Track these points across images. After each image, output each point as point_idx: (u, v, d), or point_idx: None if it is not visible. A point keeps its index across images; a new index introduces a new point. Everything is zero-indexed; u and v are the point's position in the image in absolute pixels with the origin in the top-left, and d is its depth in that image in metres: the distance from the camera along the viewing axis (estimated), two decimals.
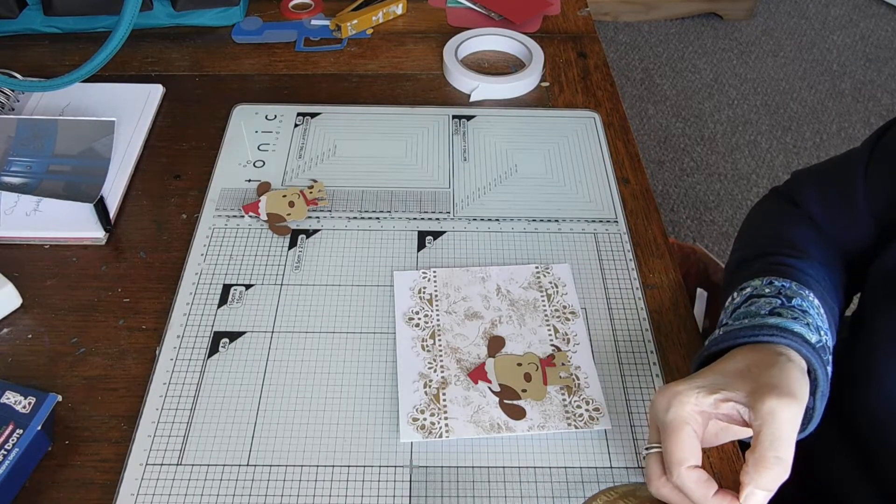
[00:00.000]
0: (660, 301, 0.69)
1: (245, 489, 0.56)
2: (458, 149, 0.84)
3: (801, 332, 0.52)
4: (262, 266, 0.71)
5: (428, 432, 0.59)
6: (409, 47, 0.99)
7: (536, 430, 0.59)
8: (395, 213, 0.76)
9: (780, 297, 0.55)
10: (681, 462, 0.46)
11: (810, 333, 0.52)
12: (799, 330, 0.52)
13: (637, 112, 2.13)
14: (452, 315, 0.67)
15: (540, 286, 0.69)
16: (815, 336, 0.52)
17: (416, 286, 0.69)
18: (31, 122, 0.82)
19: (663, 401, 0.48)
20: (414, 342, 0.65)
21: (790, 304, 0.54)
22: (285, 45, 0.98)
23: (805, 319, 0.53)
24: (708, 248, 1.57)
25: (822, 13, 2.51)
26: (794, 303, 0.54)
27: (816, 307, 0.55)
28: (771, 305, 0.54)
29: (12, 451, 0.54)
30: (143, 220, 0.76)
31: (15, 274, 0.69)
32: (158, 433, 0.59)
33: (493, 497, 0.56)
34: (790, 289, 0.56)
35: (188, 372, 0.63)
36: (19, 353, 0.65)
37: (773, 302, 0.54)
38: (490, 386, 0.62)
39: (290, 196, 0.76)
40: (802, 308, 0.54)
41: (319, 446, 0.59)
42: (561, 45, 1.00)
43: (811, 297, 0.56)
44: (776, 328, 0.51)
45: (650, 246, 0.74)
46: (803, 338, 0.51)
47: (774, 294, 0.55)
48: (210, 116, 0.87)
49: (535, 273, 0.70)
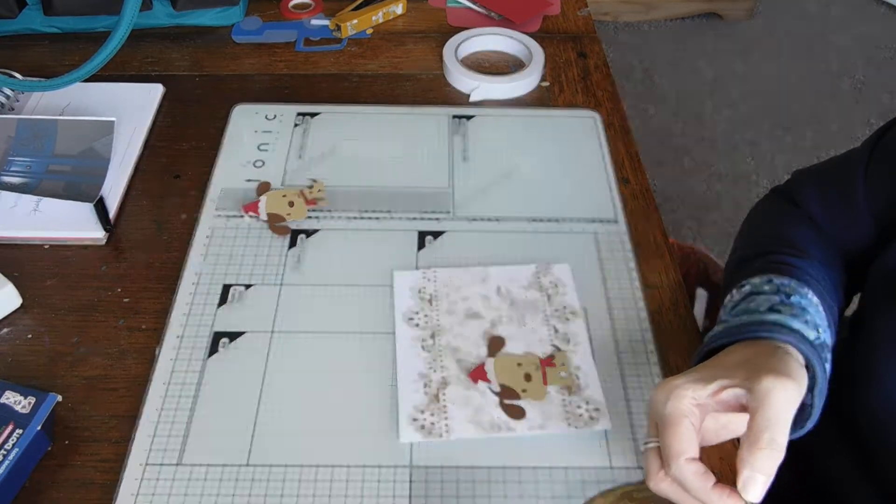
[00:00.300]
0: (660, 301, 0.69)
1: (245, 489, 0.56)
2: (458, 149, 0.84)
3: (799, 328, 0.52)
4: (262, 266, 0.71)
5: (428, 432, 0.59)
6: (409, 47, 0.99)
7: (536, 430, 0.59)
8: (395, 213, 0.76)
9: (780, 294, 0.55)
10: (679, 454, 0.46)
11: (808, 330, 0.53)
12: (797, 327, 0.52)
13: (637, 112, 2.13)
14: (453, 315, 0.67)
15: (540, 286, 0.69)
16: (813, 333, 0.53)
17: (416, 286, 0.69)
18: (31, 122, 0.82)
19: (662, 394, 0.49)
20: (414, 342, 0.65)
21: (789, 302, 0.54)
22: (285, 44, 0.98)
23: (804, 317, 0.53)
24: (708, 248, 1.57)
25: (822, 13, 2.51)
26: (793, 300, 0.54)
27: (815, 305, 0.56)
28: (770, 303, 0.54)
29: (12, 451, 0.54)
30: (143, 220, 0.76)
31: (15, 274, 0.69)
32: (158, 433, 0.59)
33: (492, 497, 0.56)
34: (789, 286, 0.56)
35: (188, 372, 0.63)
36: (19, 353, 0.65)
37: (773, 299, 0.55)
38: (490, 386, 0.62)
39: (289, 196, 0.76)
40: (801, 306, 0.54)
41: (319, 446, 0.59)
42: (561, 45, 1.00)
43: (810, 294, 0.56)
44: (775, 325, 0.52)
45: (650, 246, 0.74)
46: (801, 335, 0.52)
47: (773, 291, 0.56)
48: (210, 116, 0.87)
49: (535, 273, 0.70)
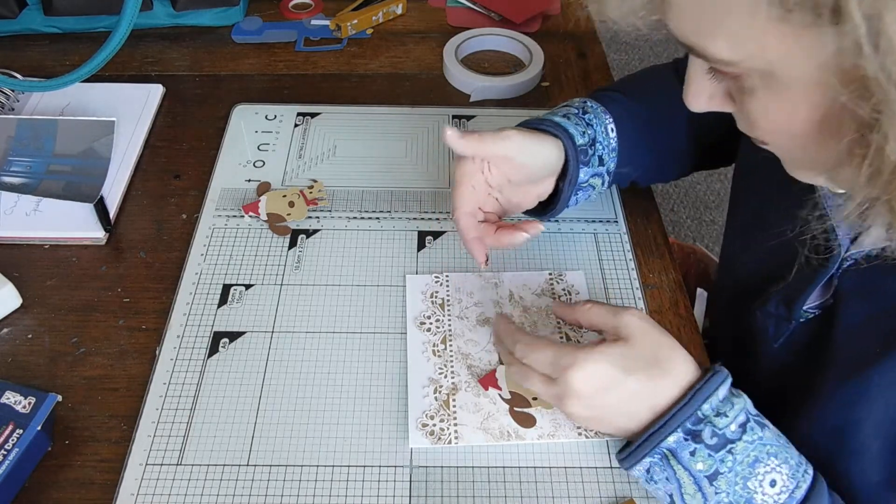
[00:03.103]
0: (660, 301, 0.69)
1: (245, 489, 0.56)
2: None
3: (573, 133, 0.66)
4: (262, 266, 0.71)
5: (437, 438, 0.58)
6: (409, 47, 0.99)
7: (546, 438, 0.59)
8: (395, 213, 0.76)
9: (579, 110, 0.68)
10: (457, 208, 0.63)
11: (580, 138, 0.66)
12: (572, 131, 0.66)
13: None
14: (464, 320, 0.67)
15: (553, 293, 0.69)
16: (583, 140, 0.66)
17: (428, 290, 0.69)
18: (30, 122, 0.82)
19: (456, 160, 0.63)
20: (425, 346, 0.65)
21: (582, 116, 0.68)
22: (285, 44, 0.98)
23: (583, 128, 0.67)
24: (708, 248, 1.57)
25: None
26: (586, 117, 0.68)
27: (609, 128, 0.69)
28: (566, 112, 0.68)
29: (12, 451, 0.54)
30: (143, 220, 0.76)
31: (15, 274, 0.69)
32: (158, 433, 0.59)
33: (492, 497, 0.56)
34: (593, 109, 0.69)
35: (188, 372, 0.63)
36: (19, 353, 0.65)
37: (571, 111, 0.68)
38: (500, 393, 0.61)
39: (290, 196, 0.76)
40: (588, 122, 0.68)
41: (319, 446, 0.59)
42: (561, 45, 1.00)
43: (607, 119, 0.69)
44: (556, 125, 0.65)
45: (650, 246, 0.74)
46: (572, 138, 0.65)
47: (579, 108, 0.69)
48: (210, 116, 0.87)
49: (548, 280, 0.70)
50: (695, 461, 0.51)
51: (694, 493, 0.51)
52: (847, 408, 0.52)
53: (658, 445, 0.51)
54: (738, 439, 0.50)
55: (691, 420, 0.51)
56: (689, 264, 1.00)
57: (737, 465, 0.50)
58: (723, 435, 0.50)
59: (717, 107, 0.48)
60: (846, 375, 0.52)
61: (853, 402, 0.52)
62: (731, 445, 0.50)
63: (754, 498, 0.50)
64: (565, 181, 0.66)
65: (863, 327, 0.53)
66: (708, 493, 0.51)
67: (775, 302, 0.59)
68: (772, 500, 0.50)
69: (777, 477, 0.50)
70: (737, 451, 0.50)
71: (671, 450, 0.51)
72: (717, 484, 0.50)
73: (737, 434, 0.51)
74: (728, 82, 0.46)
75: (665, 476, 0.52)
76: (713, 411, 0.51)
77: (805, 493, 0.50)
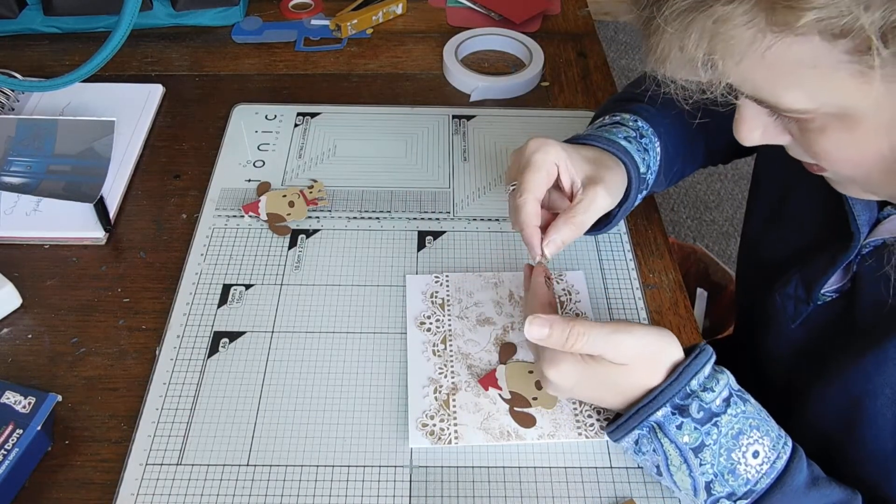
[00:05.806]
0: (660, 301, 0.69)
1: (245, 489, 0.56)
2: (458, 149, 0.84)
3: (637, 161, 0.66)
4: (262, 266, 0.71)
5: (437, 438, 0.58)
6: (409, 47, 0.99)
7: (546, 438, 0.59)
8: (395, 213, 0.76)
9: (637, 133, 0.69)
10: (530, 191, 0.60)
11: (643, 166, 0.67)
12: (637, 158, 0.66)
13: None
14: (464, 320, 0.67)
15: (553, 293, 0.69)
16: (644, 168, 0.67)
17: (428, 290, 0.69)
18: (30, 122, 0.82)
19: (535, 144, 0.61)
20: (425, 346, 0.65)
21: (640, 141, 0.68)
22: (285, 44, 0.98)
23: (644, 155, 0.68)
24: (708, 248, 1.57)
25: None
26: (643, 141, 0.69)
27: (656, 150, 0.70)
28: (626, 134, 0.68)
29: (12, 451, 0.54)
30: (143, 220, 0.76)
31: (15, 274, 0.69)
32: (158, 433, 0.59)
33: (492, 497, 0.56)
34: (645, 130, 0.70)
35: (188, 372, 0.63)
36: (19, 353, 0.65)
37: (630, 133, 0.68)
38: (500, 393, 0.61)
39: (290, 196, 0.76)
40: (645, 147, 0.68)
41: (319, 446, 0.59)
42: (561, 44, 1.00)
43: (656, 142, 0.70)
44: (625, 150, 0.66)
45: (650, 246, 0.74)
46: (637, 167, 0.66)
47: (634, 129, 0.69)
48: (210, 116, 0.87)
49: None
50: (681, 434, 0.52)
51: (680, 465, 0.53)
52: (864, 379, 0.54)
53: (647, 419, 0.53)
54: (722, 413, 0.52)
55: (679, 395, 0.52)
56: (689, 264, 1.00)
57: (721, 438, 0.52)
58: (708, 409, 0.52)
59: (770, 140, 0.48)
60: (863, 351, 0.54)
61: (870, 374, 0.53)
62: (716, 419, 0.52)
63: (737, 468, 0.52)
64: (622, 207, 0.66)
65: (879, 310, 0.54)
66: (693, 465, 0.52)
67: (795, 284, 0.61)
68: (754, 470, 0.52)
69: (759, 448, 0.52)
70: (721, 424, 0.52)
71: (659, 423, 0.53)
72: (701, 456, 0.52)
73: (721, 408, 0.52)
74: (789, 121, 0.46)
75: (652, 448, 0.54)
76: (700, 386, 0.52)
77: (785, 463, 0.52)
